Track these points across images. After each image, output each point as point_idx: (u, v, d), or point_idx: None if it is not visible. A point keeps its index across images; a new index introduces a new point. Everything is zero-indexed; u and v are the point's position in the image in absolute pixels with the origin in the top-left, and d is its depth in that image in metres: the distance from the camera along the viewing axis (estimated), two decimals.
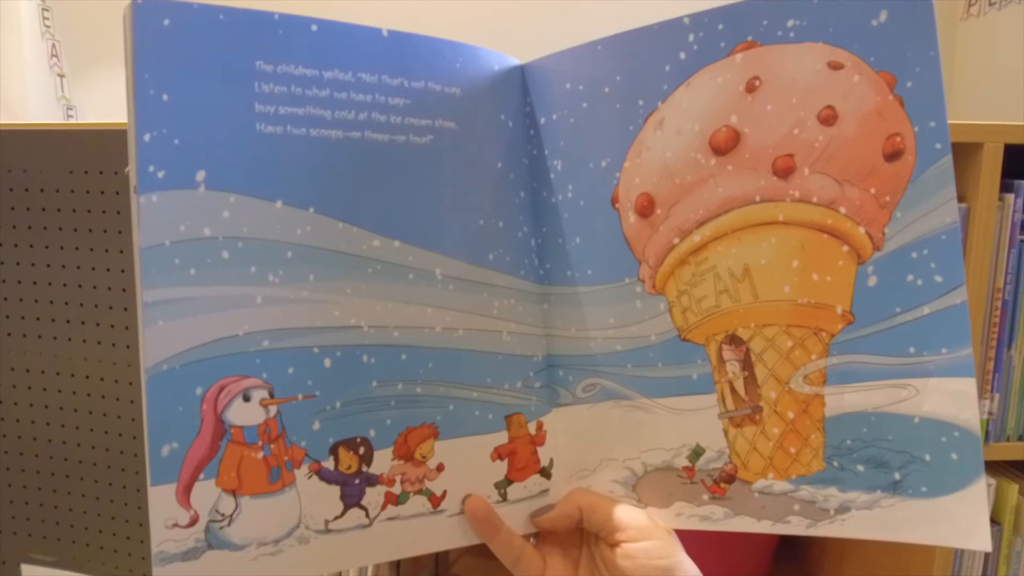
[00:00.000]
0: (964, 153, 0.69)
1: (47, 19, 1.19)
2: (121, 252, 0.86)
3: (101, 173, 0.83)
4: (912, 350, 0.36)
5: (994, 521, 0.75)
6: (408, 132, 0.39)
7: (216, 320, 0.35)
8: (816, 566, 0.97)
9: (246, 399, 0.36)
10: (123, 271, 0.86)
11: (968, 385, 0.35)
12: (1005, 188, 0.69)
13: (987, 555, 0.75)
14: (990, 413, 0.74)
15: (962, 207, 0.68)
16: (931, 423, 0.36)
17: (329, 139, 0.37)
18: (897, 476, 0.37)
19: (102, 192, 0.81)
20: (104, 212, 0.82)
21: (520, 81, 0.44)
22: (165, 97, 0.34)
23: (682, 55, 0.39)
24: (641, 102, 0.40)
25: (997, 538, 0.75)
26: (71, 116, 1.23)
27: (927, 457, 0.36)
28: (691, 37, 0.39)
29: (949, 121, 0.36)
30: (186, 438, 0.35)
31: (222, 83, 0.35)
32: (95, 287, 0.87)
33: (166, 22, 0.34)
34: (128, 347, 0.88)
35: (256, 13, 0.35)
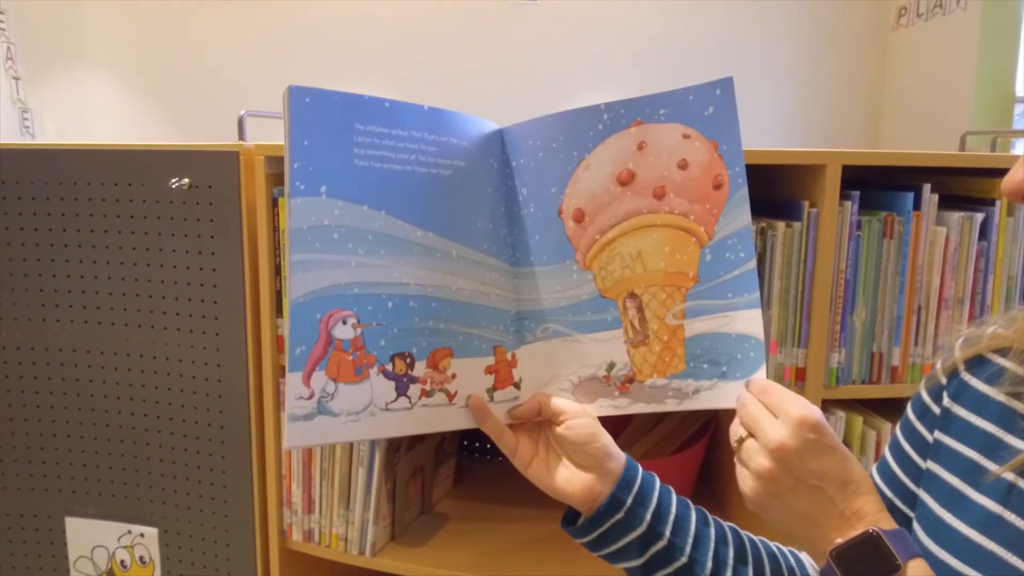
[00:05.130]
0: (814, 172, 0.95)
1: (2, 22, 1.18)
2: (147, 250, 1.05)
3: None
4: (729, 295, 0.63)
5: (845, 443, 1.00)
6: (438, 167, 0.64)
7: (329, 274, 0.59)
8: (725, 491, 1.22)
9: (344, 323, 0.59)
10: (162, 265, 1.04)
11: (757, 315, 0.62)
12: (845, 197, 0.96)
13: None
14: (839, 363, 0.98)
15: (813, 211, 0.95)
16: (740, 337, 0.63)
17: (394, 170, 0.62)
18: (724, 369, 0.64)
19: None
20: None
21: (500, 138, 0.69)
22: (306, 143, 0.58)
23: (600, 126, 0.66)
24: (575, 153, 0.67)
25: None
26: (27, 119, 1.23)
27: (739, 356, 0.63)
28: (605, 116, 0.66)
29: (799, 148, 0.64)
30: (309, 344, 0.58)
31: (336, 135, 0.59)
32: (122, 278, 1.05)
33: (307, 100, 0.58)
34: (152, 327, 1.06)
35: (355, 96, 0.60)
